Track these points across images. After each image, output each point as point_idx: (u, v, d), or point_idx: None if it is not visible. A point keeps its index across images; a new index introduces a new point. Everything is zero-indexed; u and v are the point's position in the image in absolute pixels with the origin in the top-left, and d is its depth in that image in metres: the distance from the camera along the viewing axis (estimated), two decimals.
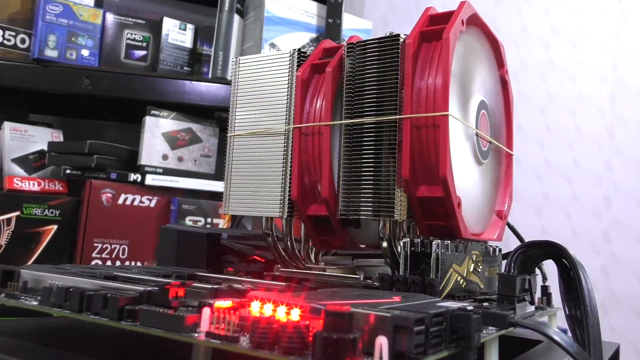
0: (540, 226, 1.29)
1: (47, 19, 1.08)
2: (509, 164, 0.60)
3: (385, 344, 0.28)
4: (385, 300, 0.37)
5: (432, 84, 0.47)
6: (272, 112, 0.53)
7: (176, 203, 1.09)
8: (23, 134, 1.13)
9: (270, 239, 0.55)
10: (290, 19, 1.14)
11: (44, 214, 1.06)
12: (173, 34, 1.16)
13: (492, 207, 0.57)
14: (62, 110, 1.32)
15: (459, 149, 0.49)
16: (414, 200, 0.47)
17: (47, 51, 1.08)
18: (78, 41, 1.11)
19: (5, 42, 1.12)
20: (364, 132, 0.48)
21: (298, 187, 0.51)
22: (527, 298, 0.48)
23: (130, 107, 1.17)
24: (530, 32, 1.33)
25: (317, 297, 0.37)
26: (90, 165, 1.06)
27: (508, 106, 0.59)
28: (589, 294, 0.42)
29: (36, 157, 1.13)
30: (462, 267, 0.49)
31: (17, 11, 1.14)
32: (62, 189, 1.13)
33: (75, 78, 1.08)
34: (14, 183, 1.09)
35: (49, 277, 0.40)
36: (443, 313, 0.33)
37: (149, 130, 1.10)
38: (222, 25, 1.13)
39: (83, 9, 1.12)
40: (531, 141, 1.31)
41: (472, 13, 0.50)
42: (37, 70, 1.08)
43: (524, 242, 0.48)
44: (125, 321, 0.33)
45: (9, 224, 1.05)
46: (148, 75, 1.11)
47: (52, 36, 1.09)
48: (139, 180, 1.08)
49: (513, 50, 1.32)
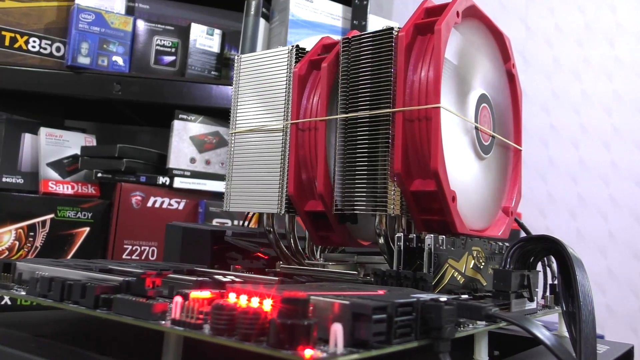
0: (575, 229, 1.26)
1: (80, 27, 1.12)
2: (517, 159, 0.58)
3: (340, 331, 0.28)
4: (366, 293, 0.37)
5: (424, 76, 0.46)
6: (271, 108, 0.53)
7: (203, 205, 1.11)
8: (58, 139, 1.17)
9: (271, 236, 0.55)
10: (315, 22, 1.14)
11: (77, 217, 1.10)
12: (201, 39, 1.18)
13: (497, 203, 0.56)
14: (96, 115, 1.36)
15: (455, 142, 0.48)
16: (408, 195, 0.47)
17: (80, 58, 1.11)
18: (109, 48, 1.14)
19: (42, 50, 1.16)
20: (358, 126, 0.48)
21: (295, 183, 0.51)
22: (525, 294, 0.47)
23: (160, 112, 1.20)
24: (564, 30, 1.29)
25: (296, 289, 0.37)
26: (120, 169, 1.09)
27: (516, 101, 0.58)
28: (583, 289, 0.41)
29: (70, 161, 1.16)
30: (460, 263, 0.49)
31: (53, 21, 1.18)
32: (95, 192, 1.16)
33: (106, 84, 1.11)
34: (49, 186, 1.13)
35: (40, 269, 0.41)
36: (412, 303, 0.32)
37: (177, 134, 1.12)
38: (248, 29, 1.14)
39: (114, 17, 1.15)
40: (565, 141, 1.27)
41: (469, 5, 0.50)
42: (71, 77, 1.11)
43: (521, 237, 0.47)
44: (100, 309, 0.34)
45: (44, 226, 1.08)
46: (176, 80, 1.13)
47: (84, 44, 1.12)
48: (168, 183, 1.10)
49: (545, 49, 1.29)
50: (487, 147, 0.53)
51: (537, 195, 1.25)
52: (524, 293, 0.47)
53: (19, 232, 1.06)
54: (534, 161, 1.26)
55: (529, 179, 1.25)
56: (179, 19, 1.26)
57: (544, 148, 1.27)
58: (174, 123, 1.12)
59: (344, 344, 0.28)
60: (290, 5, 1.12)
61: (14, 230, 1.06)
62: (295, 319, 0.28)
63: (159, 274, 0.35)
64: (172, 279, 0.39)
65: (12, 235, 1.06)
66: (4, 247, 1.06)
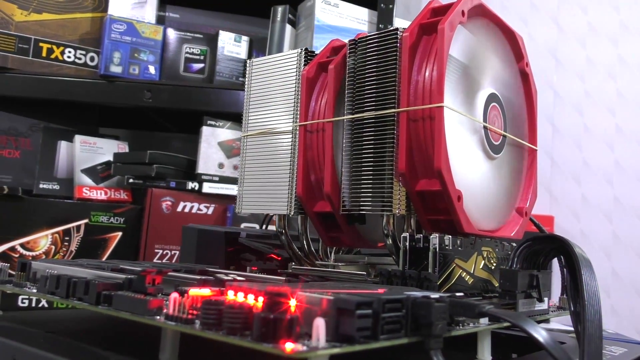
0: (612, 232, 1.22)
1: (112, 37, 1.15)
2: (532, 159, 0.58)
3: (322, 326, 0.28)
4: (361, 291, 0.37)
5: (429, 76, 0.46)
6: (281, 111, 0.54)
7: (232, 210, 1.12)
8: (92, 146, 1.20)
9: (284, 238, 0.55)
10: (341, 27, 1.15)
11: (109, 222, 1.12)
12: (229, 46, 1.19)
13: (510, 203, 0.55)
14: (130, 123, 1.39)
15: (462, 141, 0.48)
16: (413, 195, 0.47)
17: (112, 67, 1.15)
18: (140, 57, 1.17)
19: (77, 60, 1.20)
20: (364, 127, 0.48)
21: (303, 184, 0.52)
22: (535, 295, 0.46)
23: (190, 118, 1.22)
24: (597, 29, 1.27)
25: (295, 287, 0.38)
26: (151, 175, 1.11)
27: (530, 100, 0.57)
28: (589, 289, 0.40)
29: (103, 167, 1.19)
30: (469, 263, 0.48)
31: (87, 31, 1.22)
32: (127, 197, 1.19)
33: (137, 92, 1.14)
34: (83, 192, 1.16)
35: (53, 267, 0.42)
36: (402, 299, 0.32)
37: (205, 140, 1.14)
38: (274, 35, 1.16)
39: (145, 26, 1.18)
40: (600, 143, 1.25)
41: (476, 4, 0.49)
42: (104, 85, 1.14)
43: (528, 237, 0.46)
44: (102, 305, 0.35)
45: (78, 231, 1.11)
46: (205, 86, 1.15)
47: (116, 53, 1.15)
48: (197, 189, 1.12)
49: (578, 49, 1.27)
50: (498, 147, 0.52)
51: (570, 198, 1.23)
52: (532, 293, 0.46)
53: (54, 236, 1.10)
54: (567, 163, 1.24)
55: (562, 181, 1.23)
56: (207, 27, 1.28)
57: (578, 150, 1.24)
58: (202, 129, 1.14)
59: (329, 338, 0.28)
60: (316, 10, 1.13)
61: (50, 234, 1.09)
62: (279, 313, 0.28)
63: (159, 271, 0.36)
64: (176, 277, 0.40)
65: (49, 239, 1.09)
66: (41, 251, 1.09)
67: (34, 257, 1.09)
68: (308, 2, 1.16)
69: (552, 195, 1.23)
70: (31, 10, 1.18)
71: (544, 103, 1.26)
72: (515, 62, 0.56)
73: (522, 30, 1.29)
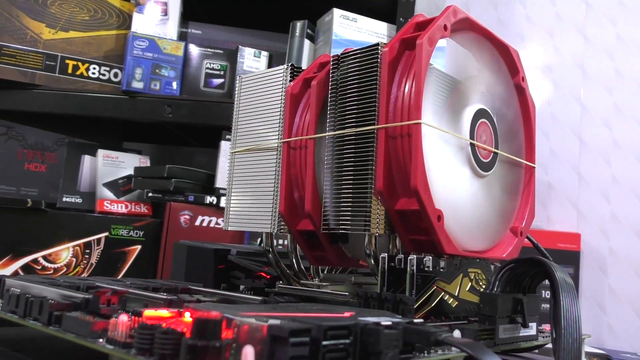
0: None
1: (134, 54, 1.17)
2: (529, 177, 0.55)
3: (250, 354, 0.27)
4: (328, 315, 0.36)
5: (408, 92, 0.45)
6: (267, 127, 0.53)
7: None
8: (114, 160, 1.22)
9: (271, 256, 0.55)
10: (359, 41, 1.14)
11: (129, 235, 1.14)
12: (248, 61, 1.20)
13: (504, 222, 0.53)
14: (152, 137, 1.41)
15: (445, 159, 0.46)
16: (393, 214, 0.45)
17: (134, 83, 1.16)
18: (161, 72, 1.18)
19: (101, 76, 1.22)
20: (345, 144, 0.47)
21: (286, 202, 0.51)
22: (519, 320, 0.44)
23: (210, 133, 1.23)
24: (626, 40, 1.22)
25: (255, 310, 0.37)
26: (169, 189, 1.12)
27: (527, 115, 0.55)
28: (568, 315, 0.38)
29: (124, 181, 1.21)
30: (453, 285, 0.47)
31: (112, 48, 1.24)
32: (147, 211, 1.20)
33: (158, 107, 1.15)
34: (104, 206, 1.17)
35: (25, 285, 0.43)
36: (348, 326, 0.31)
37: (224, 154, 1.15)
38: (293, 50, 1.16)
39: (167, 43, 1.20)
40: (630, 158, 1.20)
41: (461, 18, 0.48)
42: (126, 101, 1.16)
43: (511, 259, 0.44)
44: (52, 326, 0.35)
45: (99, 244, 1.13)
46: (224, 102, 1.16)
47: (138, 69, 1.17)
48: (215, 203, 1.12)
49: (606, 61, 1.23)
50: (488, 164, 0.50)
51: (599, 215, 1.18)
52: (517, 318, 0.44)
53: (75, 249, 1.12)
54: (595, 179, 1.19)
55: (590, 197, 1.19)
56: (228, 43, 1.29)
57: (607, 165, 1.20)
58: (221, 144, 1.15)
59: None
60: (334, 25, 1.13)
61: (71, 247, 1.11)
62: (209, 340, 0.27)
63: (115, 292, 0.36)
64: (136, 295, 0.39)
65: (70, 252, 1.11)
66: (62, 264, 1.11)
67: (55, 269, 1.11)
68: (326, 17, 1.15)
69: (580, 212, 1.18)
70: (59, 29, 1.21)
71: (571, 117, 1.22)
72: (510, 76, 0.54)
73: (547, 42, 1.26)
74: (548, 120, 1.23)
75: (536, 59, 1.27)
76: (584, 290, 1.14)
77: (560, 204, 1.19)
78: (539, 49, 1.26)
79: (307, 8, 1.18)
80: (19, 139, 1.27)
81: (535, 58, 1.27)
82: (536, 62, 1.27)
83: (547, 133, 1.23)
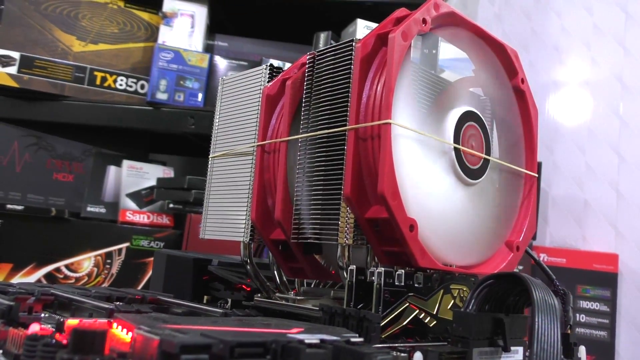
0: None
1: (159, 65, 1.17)
2: (530, 187, 0.51)
3: None
4: (276, 331, 0.32)
5: (380, 90, 0.41)
6: (244, 131, 0.51)
7: None
8: (138, 171, 1.22)
9: (249, 267, 0.52)
10: None
11: (150, 246, 1.13)
12: None
13: (498, 236, 0.49)
14: (178, 149, 1.41)
15: (422, 163, 0.43)
16: (363, 222, 0.42)
17: (159, 94, 1.17)
18: (186, 84, 1.18)
19: (128, 88, 1.23)
20: (316, 147, 0.44)
21: (258, 209, 0.48)
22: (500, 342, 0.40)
23: None
24: None
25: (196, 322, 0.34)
26: (189, 200, 1.11)
27: (528, 120, 0.51)
28: (543, 337, 0.34)
29: (147, 192, 1.21)
30: (430, 302, 0.42)
31: (139, 60, 1.25)
32: (169, 222, 1.19)
33: (182, 118, 1.15)
34: (127, 216, 1.17)
35: None
36: (263, 343, 0.27)
37: None
38: None
39: (192, 55, 1.20)
40: None
41: (445, 12, 0.44)
42: (151, 112, 1.16)
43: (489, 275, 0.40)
44: None
45: (120, 254, 1.13)
46: None
47: (163, 80, 1.17)
48: None
49: None
50: (476, 172, 0.46)
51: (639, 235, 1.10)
52: (498, 341, 0.40)
53: (97, 259, 1.12)
54: (635, 197, 1.11)
55: (629, 216, 1.11)
56: (254, 55, 1.28)
57: None
58: None
59: None
60: (358, 36, 1.10)
61: (93, 257, 1.11)
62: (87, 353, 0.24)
63: (38, 300, 0.34)
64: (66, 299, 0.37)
65: (91, 261, 1.11)
66: (84, 273, 1.11)
67: (77, 278, 1.11)
68: (350, 28, 1.13)
69: (618, 231, 1.11)
70: (89, 42, 1.23)
71: (609, 131, 1.15)
72: (507, 78, 0.50)
73: (584, 54, 1.19)
74: (584, 134, 1.17)
75: (572, 71, 1.20)
76: (623, 315, 1.06)
77: (597, 223, 1.11)
78: (576, 60, 1.20)
79: (331, 19, 1.16)
80: (49, 149, 1.29)
81: (572, 70, 1.20)
82: (573, 75, 1.20)
83: (583, 148, 1.16)
